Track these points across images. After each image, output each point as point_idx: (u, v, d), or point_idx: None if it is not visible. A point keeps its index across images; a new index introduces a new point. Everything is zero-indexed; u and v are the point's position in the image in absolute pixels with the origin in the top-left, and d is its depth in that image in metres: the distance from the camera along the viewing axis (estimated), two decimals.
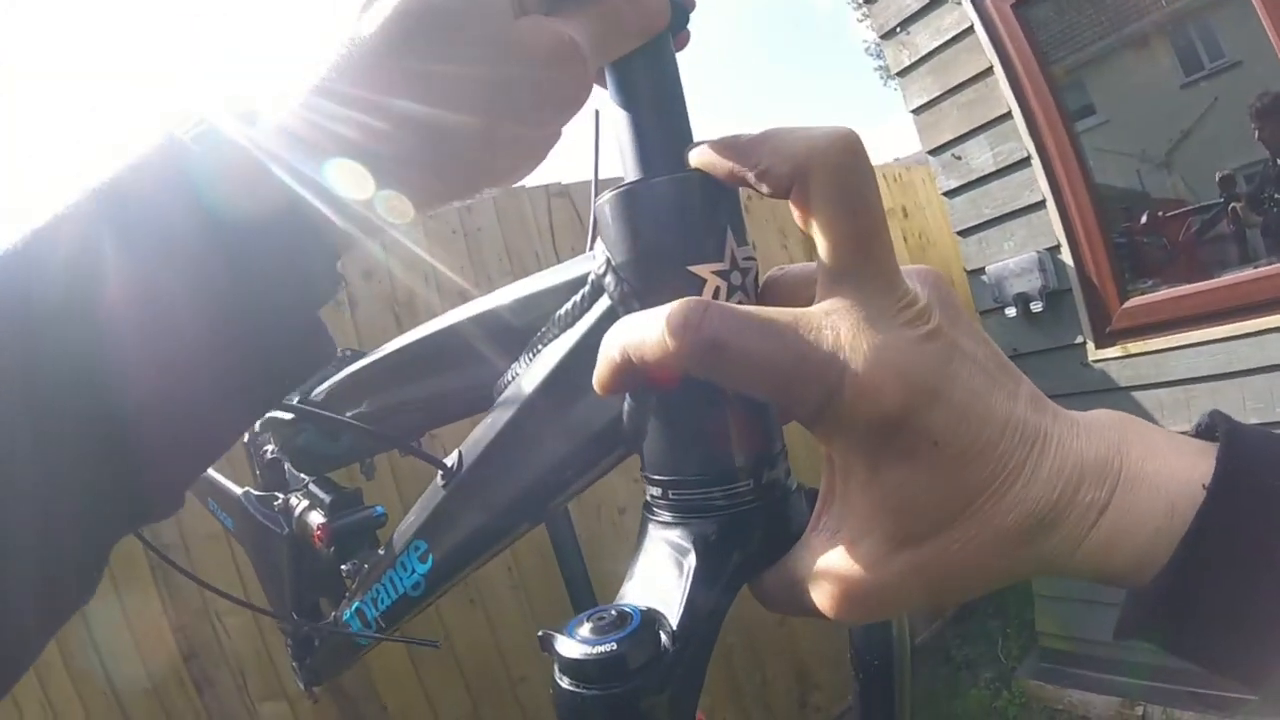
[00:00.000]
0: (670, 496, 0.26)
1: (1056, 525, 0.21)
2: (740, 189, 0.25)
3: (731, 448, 0.25)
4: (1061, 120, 2.10)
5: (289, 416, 0.58)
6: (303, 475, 0.72)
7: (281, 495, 0.74)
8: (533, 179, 2.49)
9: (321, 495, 0.66)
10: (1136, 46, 2.41)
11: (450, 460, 0.38)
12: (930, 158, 2.38)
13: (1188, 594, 0.20)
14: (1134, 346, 2.01)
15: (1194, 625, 0.20)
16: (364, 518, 0.63)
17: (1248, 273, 1.91)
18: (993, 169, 2.22)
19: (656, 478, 0.26)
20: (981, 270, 2.30)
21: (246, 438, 0.81)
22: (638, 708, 0.22)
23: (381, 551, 0.52)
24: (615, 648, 0.22)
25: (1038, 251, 2.15)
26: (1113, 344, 2.07)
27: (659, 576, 0.25)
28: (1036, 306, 2.15)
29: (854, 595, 0.23)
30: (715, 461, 0.25)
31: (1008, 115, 2.16)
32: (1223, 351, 1.83)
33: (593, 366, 0.25)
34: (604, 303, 0.28)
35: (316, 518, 0.67)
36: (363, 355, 0.54)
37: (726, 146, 0.24)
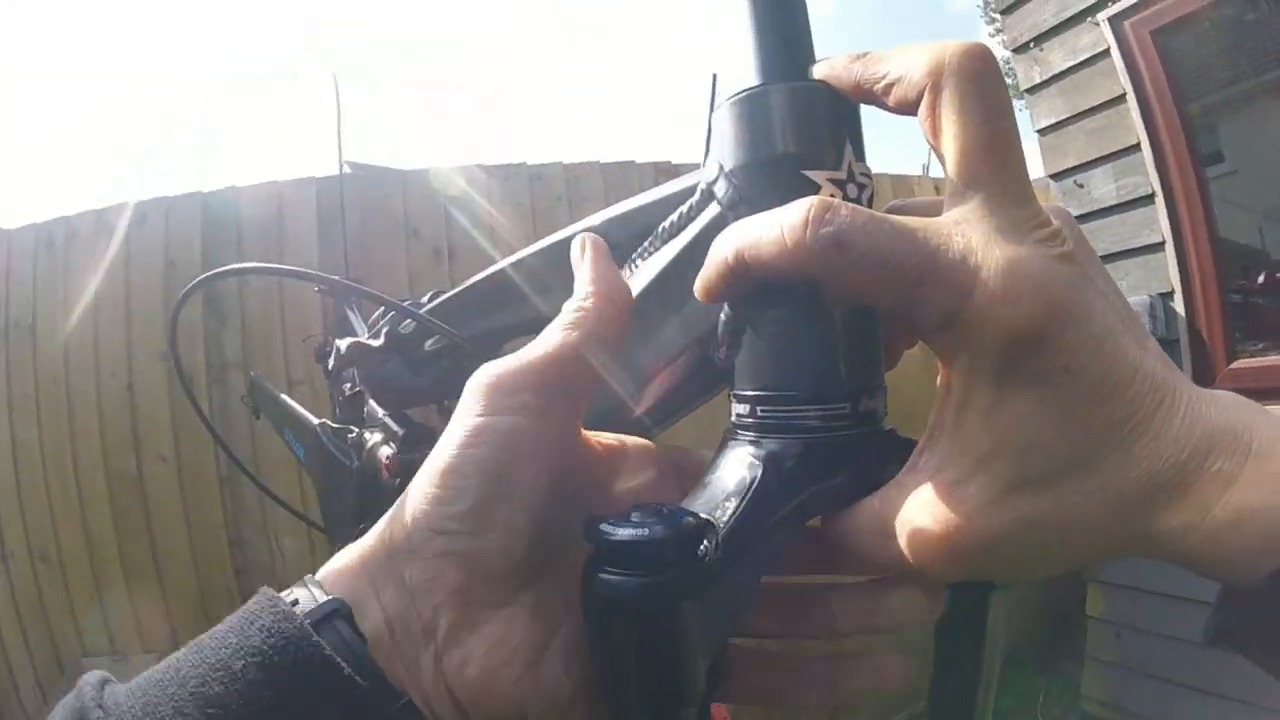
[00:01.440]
0: (758, 414, 0.25)
1: (1181, 494, 0.19)
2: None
3: (829, 365, 0.24)
4: (1191, 161, 1.96)
5: (377, 344, 0.59)
6: (380, 411, 0.73)
7: (356, 429, 0.75)
8: (643, 155, 2.50)
9: (395, 428, 0.67)
10: (1275, 95, 2.24)
11: None
12: (1051, 182, 2.27)
13: None
14: None
15: None
16: None
17: None
18: (1114, 201, 2.10)
19: (744, 393, 0.25)
20: None
21: (331, 366, 0.83)
22: (663, 604, 0.21)
23: None
24: (649, 533, 0.21)
25: (1150, 295, 2.03)
26: None
27: (721, 491, 0.24)
28: None
29: (955, 543, 0.21)
30: (809, 377, 0.24)
31: (1136, 147, 2.03)
32: None
33: (697, 275, 0.25)
34: (713, 209, 0.26)
35: (387, 450, 0.68)
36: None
37: (853, 59, 0.23)
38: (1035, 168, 2.39)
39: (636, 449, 0.28)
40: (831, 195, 0.23)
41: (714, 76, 0.38)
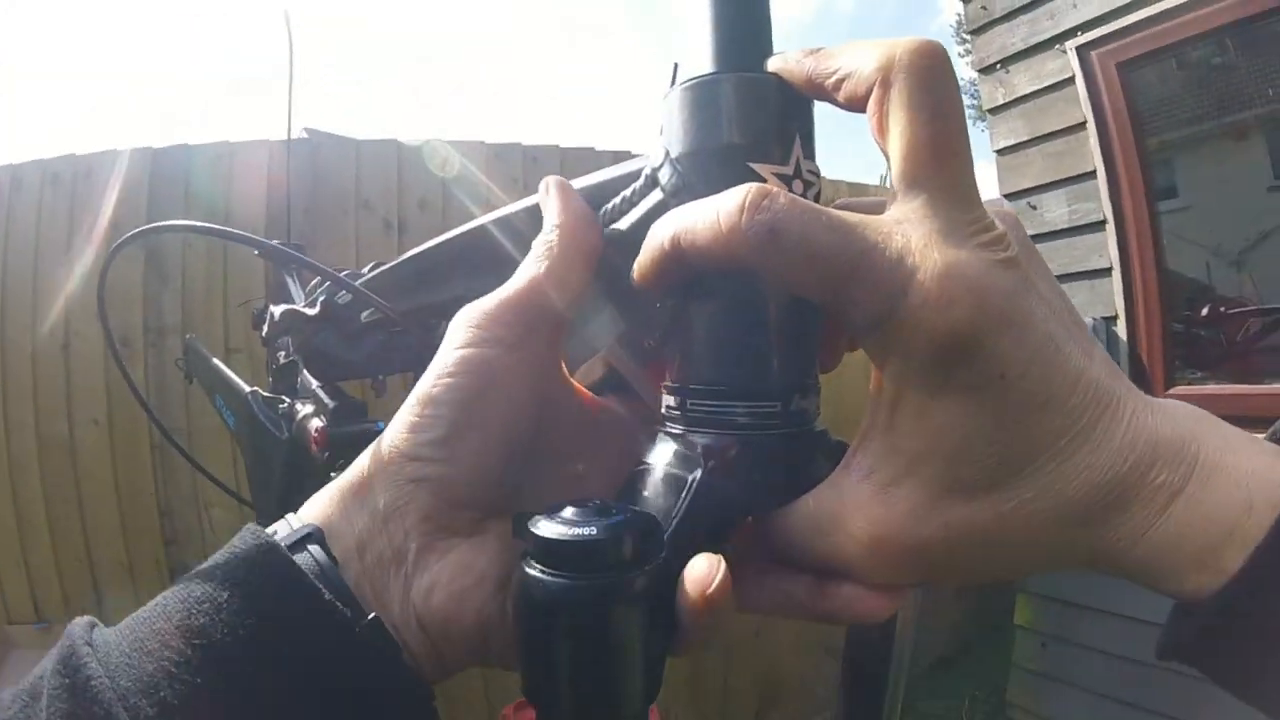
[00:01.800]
0: (687, 406, 0.24)
1: (1123, 505, 0.19)
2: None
3: (761, 362, 0.23)
4: (1145, 192, 2.02)
5: (312, 312, 0.57)
6: (314, 382, 0.71)
7: (288, 399, 0.73)
8: (605, 143, 2.49)
9: (327, 401, 0.65)
10: (1233, 137, 2.32)
11: None
12: (1005, 201, 2.32)
13: (1262, 609, 0.17)
14: None
15: (1261, 649, 0.18)
16: (365, 430, 0.62)
17: None
18: (1066, 225, 2.16)
19: (674, 385, 0.25)
20: None
21: (266, 332, 0.80)
22: (608, 608, 0.20)
23: None
24: (596, 533, 0.20)
25: (1093, 319, 2.09)
26: None
27: (656, 485, 0.23)
28: None
29: (885, 546, 0.21)
30: (741, 373, 0.23)
31: (1092, 174, 2.09)
32: None
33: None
34: (655, 195, 0.25)
35: (317, 422, 0.65)
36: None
37: (807, 54, 0.23)
38: (991, 187, 2.44)
39: (623, 408, 0.29)
40: None
41: (675, 65, 0.37)
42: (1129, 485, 0.19)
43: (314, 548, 0.23)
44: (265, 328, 0.78)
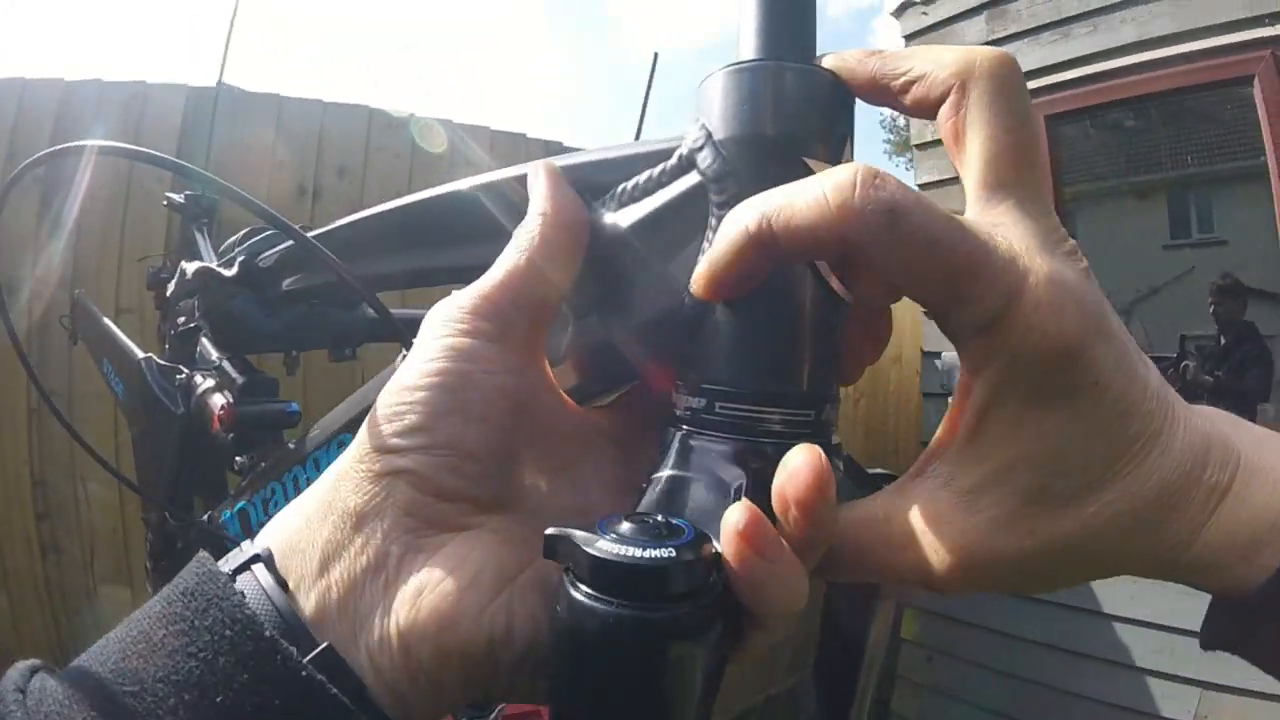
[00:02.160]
0: (715, 410, 0.22)
1: (1180, 507, 0.19)
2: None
3: (800, 368, 0.22)
4: None
5: (230, 273, 0.52)
6: (216, 354, 0.65)
7: (186, 370, 0.67)
8: (538, 132, 2.44)
9: (234, 375, 0.60)
10: (1137, 195, 2.49)
11: None
12: None
13: None
14: None
15: None
16: (276, 410, 0.57)
17: None
18: None
19: (698, 386, 0.23)
20: (937, 354, 2.34)
21: (170, 292, 0.73)
22: (688, 641, 0.18)
23: (291, 445, 0.47)
24: (674, 555, 0.18)
25: None
26: None
27: (696, 494, 0.22)
28: None
29: (975, 559, 0.20)
30: (778, 378, 0.22)
31: None
32: None
33: (661, 248, 0.23)
34: (691, 179, 0.24)
35: (221, 398, 0.60)
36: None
37: (869, 54, 0.23)
38: None
39: (601, 418, 0.28)
40: None
41: (655, 55, 0.36)
42: (1187, 486, 0.19)
43: (259, 569, 0.21)
44: (170, 286, 0.72)
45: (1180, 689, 1.73)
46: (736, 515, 0.19)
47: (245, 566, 0.21)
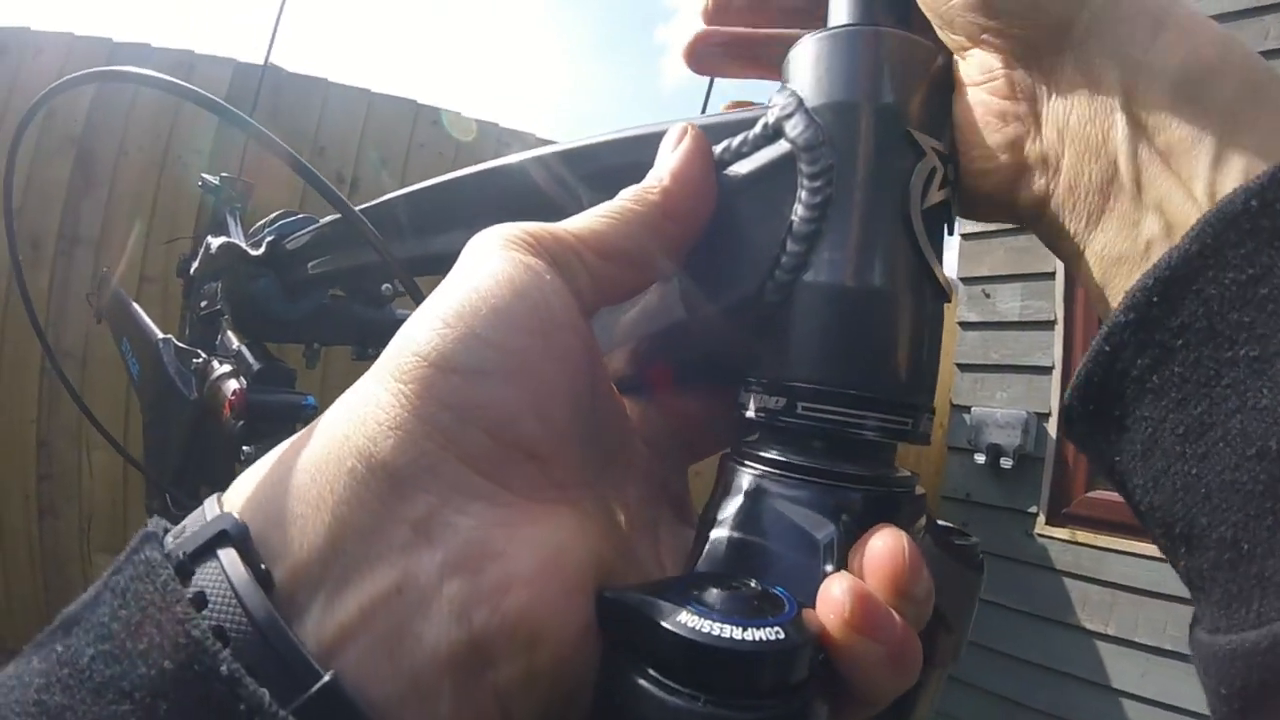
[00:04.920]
0: (799, 411, 0.19)
1: None
2: None
3: (902, 364, 0.19)
4: None
5: (256, 252, 0.49)
6: (237, 342, 0.62)
7: (204, 355, 0.64)
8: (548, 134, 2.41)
9: (251, 361, 0.57)
10: None
11: None
12: (961, 284, 2.37)
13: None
14: (1082, 535, 2.00)
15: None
16: (290, 401, 0.54)
17: None
18: (1016, 319, 2.22)
19: (789, 384, 0.19)
20: (967, 409, 2.28)
21: (194, 270, 0.71)
22: None
23: None
24: (784, 638, 0.14)
25: (1027, 412, 2.14)
26: (1063, 525, 2.05)
27: (775, 549, 0.18)
28: (1006, 463, 2.12)
29: None
30: (878, 375, 0.19)
31: (1050, 275, 2.15)
32: (1159, 570, 1.81)
33: (742, 225, 0.21)
34: (780, 147, 0.21)
35: (234, 384, 0.57)
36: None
37: None
38: (951, 268, 2.51)
39: (635, 411, 0.23)
40: (933, 168, 0.20)
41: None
42: None
43: (226, 556, 0.14)
44: (195, 263, 0.69)
45: None
46: (840, 590, 0.15)
47: (207, 551, 0.14)
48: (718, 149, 0.22)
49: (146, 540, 0.15)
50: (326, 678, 0.13)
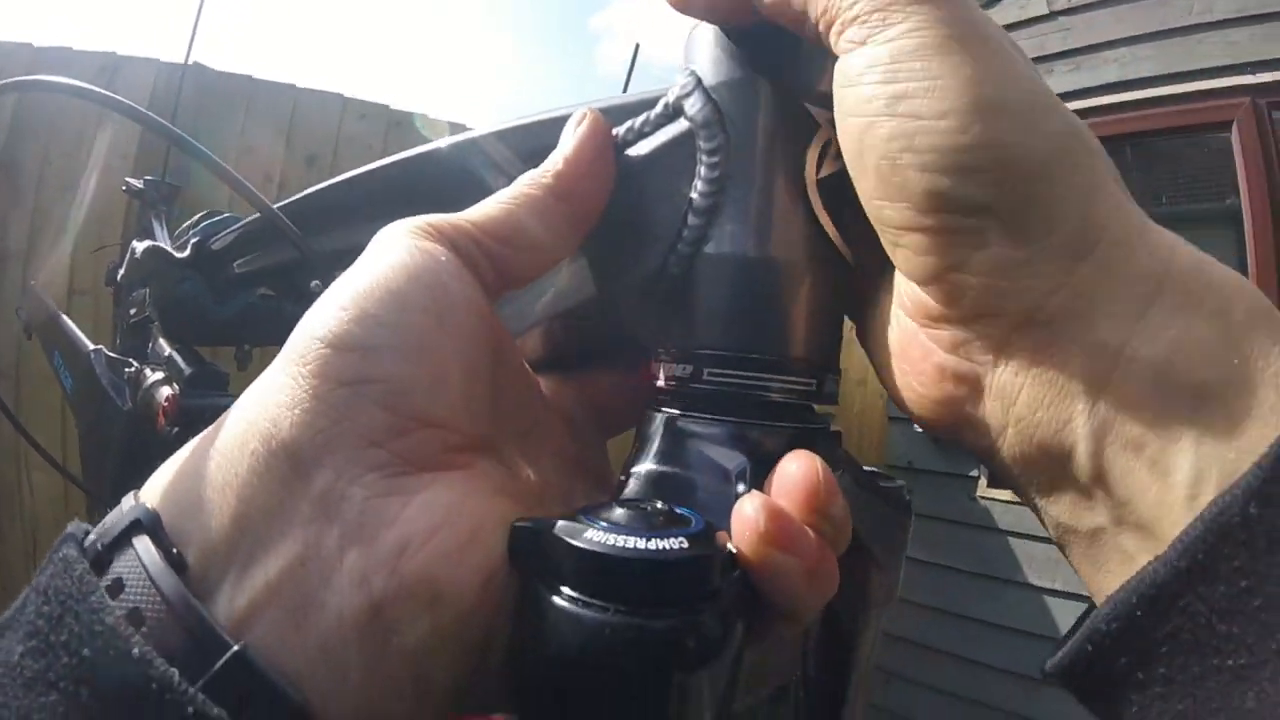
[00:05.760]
0: (705, 377, 0.20)
1: None
2: None
3: (803, 329, 0.20)
4: None
5: (182, 255, 0.49)
6: (168, 348, 0.62)
7: (136, 364, 0.63)
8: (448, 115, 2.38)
9: (183, 366, 0.57)
10: None
11: None
12: None
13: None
14: None
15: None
16: (224, 404, 0.52)
17: None
18: None
19: (696, 351, 0.20)
20: None
21: (121, 276, 0.69)
22: (715, 658, 0.14)
23: None
24: (689, 547, 0.15)
25: None
26: (1003, 487, 2.12)
27: (691, 483, 0.19)
28: None
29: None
30: (780, 340, 0.20)
31: None
32: None
33: (644, 201, 0.21)
34: (679, 125, 0.22)
35: (167, 390, 0.57)
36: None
37: None
38: None
39: (550, 388, 0.24)
40: (830, 139, 0.20)
41: (636, 46, 0.34)
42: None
43: (141, 543, 0.15)
44: (121, 270, 0.68)
45: None
46: (752, 507, 0.16)
47: (122, 541, 0.15)
48: (620, 130, 0.23)
49: (65, 540, 0.15)
50: (236, 648, 0.14)
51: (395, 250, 0.18)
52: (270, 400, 0.16)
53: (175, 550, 0.15)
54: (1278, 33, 1.70)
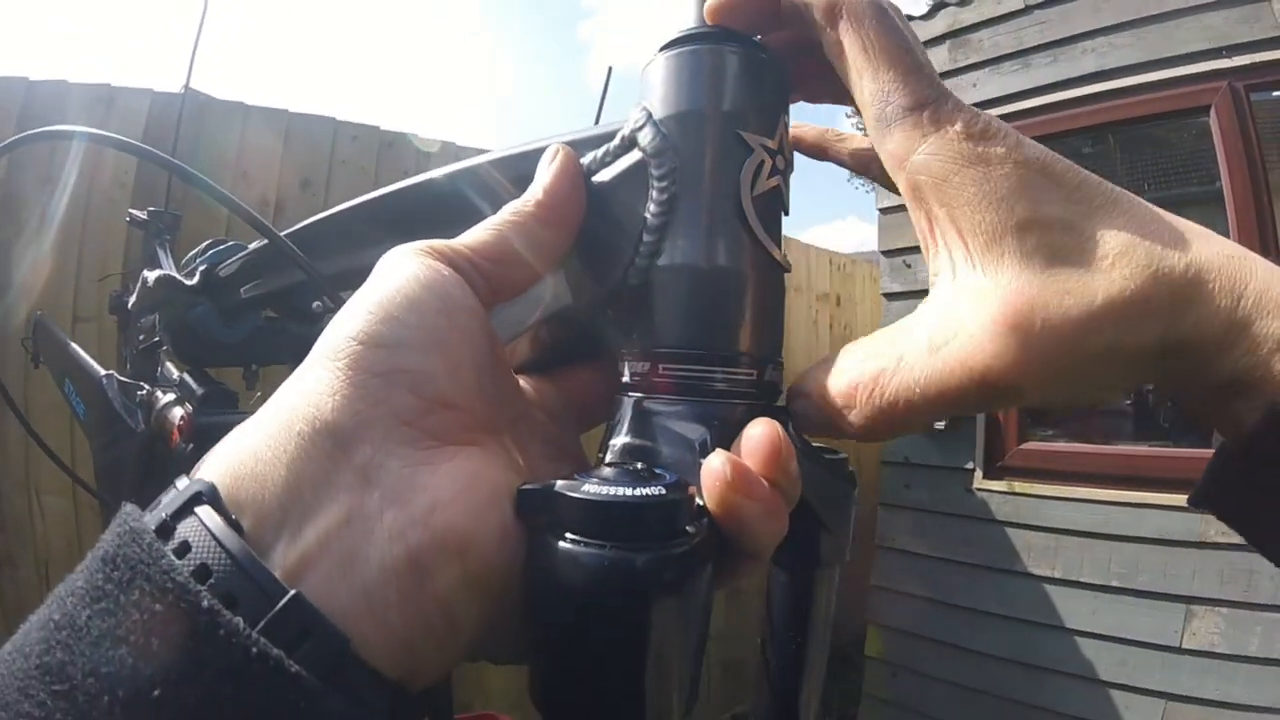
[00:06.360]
0: (661, 372, 0.23)
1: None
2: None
3: (742, 328, 0.24)
4: None
5: (191, 282, 0.52)
6: (177, 371, 0.64)
7: (147, 387, 0.66)
8: (469, 140, 2.39)
9: (194, 386, 0.59)
10: None
11: None
12: (882, 258, 2.44)
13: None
14: (1020, 486, 2.08)
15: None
16: (236, 421, 0.55)
17: (1144, 449, 2.00)
18: None
19: (653, 350, 0.24)
20: None
21: (131, 304, 0.72)
22: (695, 577, 0.18)
23: None
24: (666, 494, 0.18)
25: None
26: (999, 478, 2.13)
27: (661, 452, 0.22)
28: (939, 424, 2.20)
29: (1023, 318, 0.20)
30: (722, 338, 0.23)
31: None
32: (1101, 513, 1.90)
33: (607, 224, 0.25)
34: (633, 156, 0.25)
35: (180, 410, 0.59)
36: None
37: None
38: (852, 245, 2.58)
39: (531, 385, 0.28)
40: (762, 162, 0.24)
41: (609, 69, 0.37)
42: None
43: (204, 512, 0.16)
44: (133, 297, 0.71)
45: (1144, 701, 1.75)
46: (719, 462, 0.20)
47: (185, 511, 0.17)
48: (586, 159, 0.26)
49: (126, 516, 0.17)
50: (293, 592, 0.16)
51: (406, 266, 0.22)
52: (310, 390, 0.19)
53: (233, 517, 0.17)
54: (1253, 15, 1.73)
